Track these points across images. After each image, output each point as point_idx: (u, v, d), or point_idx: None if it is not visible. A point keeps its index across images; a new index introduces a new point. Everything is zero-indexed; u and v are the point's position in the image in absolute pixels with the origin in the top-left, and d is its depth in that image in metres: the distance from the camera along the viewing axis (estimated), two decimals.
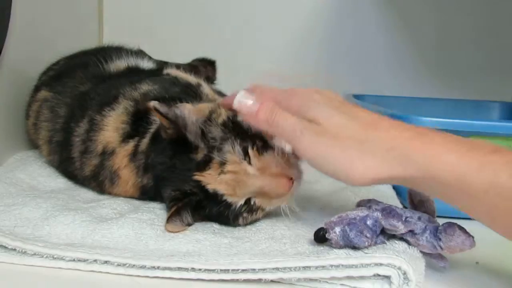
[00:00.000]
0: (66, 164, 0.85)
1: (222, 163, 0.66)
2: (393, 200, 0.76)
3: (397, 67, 1.42)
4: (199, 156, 0.68)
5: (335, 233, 0.58)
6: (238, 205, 0.67)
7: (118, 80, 0.89)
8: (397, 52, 1.42)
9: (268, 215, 0.72)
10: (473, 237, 0.56)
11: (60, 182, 0.86)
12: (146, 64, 1.01)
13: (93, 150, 0.79)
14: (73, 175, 0.84)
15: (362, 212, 0.60)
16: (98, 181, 0.80)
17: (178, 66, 1.11)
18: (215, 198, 0.67)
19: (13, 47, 0.94)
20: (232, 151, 0.67)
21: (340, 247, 0.58)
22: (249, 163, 0.67)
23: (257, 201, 0.68)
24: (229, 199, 0.67)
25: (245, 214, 0.68)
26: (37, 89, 0.99)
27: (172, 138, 0.70)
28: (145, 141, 0.75)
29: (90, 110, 0.82)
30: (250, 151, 0.67)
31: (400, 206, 0.71)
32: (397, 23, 1.41)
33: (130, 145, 0.77)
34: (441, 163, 0.53)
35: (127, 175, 0.76)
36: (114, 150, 0.77)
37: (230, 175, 0.66)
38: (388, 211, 0.59)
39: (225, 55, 1.27)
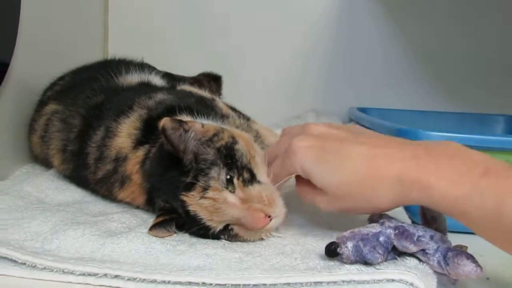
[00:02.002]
0: (80, 170, 0.85)
1: (205, 188, 0.68)
2: (401, 215, 0.76)
3: (399, 80, 1.42)
4: (188, 178, 0.69)
5: (347, 247, 0.58)
6: (217, 229, 0.69)
7: (133, 91, 0.90)
8: (399, 65, 1.43)
9: (277, 229, 0.71)
10: (480, 267, 0.56)
11: (67, 195, 0.86)
12: (156, 80, 1.01)
13: (107, 155, 0.80)
14: (86, 180, 0.85)
15: (374, 229, 0.60)
16: (109, 183, 0.80)
17: (182, 79, 1.12)
18: (194, 220, 0.68)
19: (20, 61, 0.95)
20: (216, 178, 0.68)
21: (351, 263, 0.58)
22: (232, 192, 0.68)
23: (235, 228, 0.69)
24: (207, 223, 0.68)
25: (223, 237, 0.70)
26: (43, 103, 1.00)
27: (171, 153, 0.71)
28: (154, 150, 0.76)
29: (107, 119, 0.83)
30: (235, 181, 0.69)
31: (409, 221, 0.72)
32: (398, 36, 1.42)
33: (141, 152, 0.77)
34: (435, 190, 0.56)
35: (137, 179, 0.77)
36: (126, 156, 0.78)
37: (209, 201, 0.67)
38: (401, 230, 0.58)
39: (228, 68, 1.28)
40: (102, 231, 0.68)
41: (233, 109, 0.95)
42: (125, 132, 0.80)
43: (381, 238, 0.58)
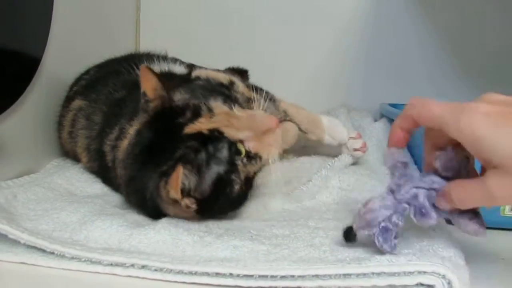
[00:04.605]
0: (105, 171, 0.85)
1: (210, 110, 0.70)
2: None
3: (435, 77, 1.38)
4: (187, 115, 0.69)
5: (363, 234, 0.59)
6: (236, 139, 0.69)
7: None
8: (435, 61, 1.38)
9: (306, 220, 0.70)
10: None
11: (97, 188, 0.86)
12: (178, 69, 1.00)
13: (118, 158, 0.79)
14: (111, 182, 0.85)
15: (386, 209, 0.58)
16: None
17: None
18: (213, 138, 0.68)
19: (52, 57, 0.96)
20: (216, 103, 0.71)
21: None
22: None
23: (251, 145, 0.70)
24: (227, 132, 0.69)
25: (243, 160, 0.70)
26: (69, 99, 1.00)
27: (155, 111, 0.71)
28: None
29: (123, 118, 0.82)
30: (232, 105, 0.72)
31: None
32: (435, 32, 1.38)
33: None
34: None
35: None
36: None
37: (222, 116, 0.70)
38: (419, 209, 0.57)
39: (260, 65, 1.27)
40: (130, 222, 0.68)
41: (257, 89, 0.94)
42: (130, 133, 0.78)
43: (394, 218, 0.57)
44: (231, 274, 0.55)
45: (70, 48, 1.04)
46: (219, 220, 0.72)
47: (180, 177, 0.65)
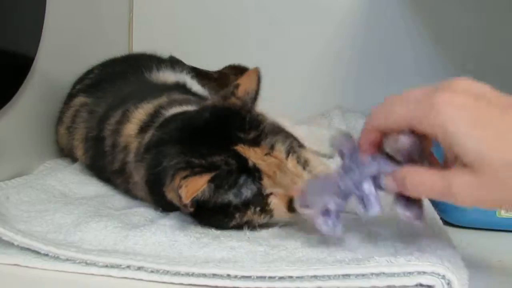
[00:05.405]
0: (98, 158, 0.84)
1: (272, 148, 0.66)
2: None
3: (429, 77, 1.36)
4: (249, 135, 0.67)
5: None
6: (266, 192, 0.66)
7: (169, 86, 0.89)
8: (430, 64, 1.38)
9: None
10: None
11: (91, 189, 0.85)
12: (188, 80, 0.99)
13: (119, 144, 0.79)
14: (103, 169, 0.84)
15: (328, 194, 0.57)
16: (124, 176, 0.79)
17: (207, 74, 1.10)
18: (250, 173, 0.65)
19: (45, 56, 0.95)
20: (281, 148, 0.67)
21: None
22: None
23: (273, 202, 0.67)
24: (264, 180, 0.66)
25: (257, 208, 0.66)
26: (72, 96, 1.00)
27: (230, 106, 0.70)
28: (147, 135, 0.74)
29: (129, 102, 0.81)
30: (290, 155, 0.68)
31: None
32: (429, 32, 1.38)
33: (137, 141, 0.75)
34: None
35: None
36: (129, 145, 0.77)
37: (274, 162, 0.66)
38: (361, 198, 0.55)
39: (254, 65, 1.26)
40: (125, 224, 0.68)
41: None
42: (137, 118, 0.77)
43: (332, 204, 0.57)
44: (228, 275, 0.54)
45: (63, 48, 1.04)
46: None
47: (201, 189, 0.63)
